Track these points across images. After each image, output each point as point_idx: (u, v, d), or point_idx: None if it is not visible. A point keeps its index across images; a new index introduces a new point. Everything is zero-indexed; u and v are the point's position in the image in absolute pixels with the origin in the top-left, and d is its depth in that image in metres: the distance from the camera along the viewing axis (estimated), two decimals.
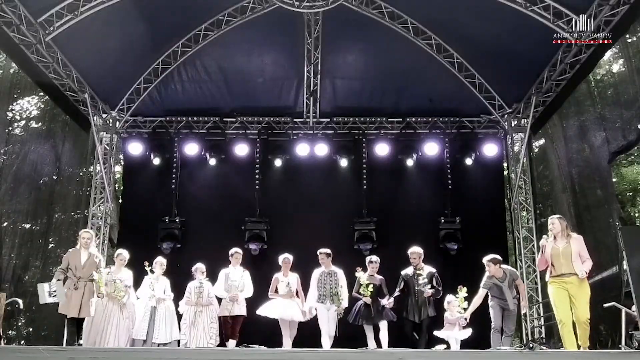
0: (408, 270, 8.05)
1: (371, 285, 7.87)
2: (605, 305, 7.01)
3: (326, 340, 7.87)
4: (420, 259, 8.04)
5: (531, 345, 6.06)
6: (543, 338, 9.89)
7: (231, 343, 8.09)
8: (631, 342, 6.89)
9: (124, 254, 8.38)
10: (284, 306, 8.06)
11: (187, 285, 8.51)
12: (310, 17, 10.00)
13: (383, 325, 7.86)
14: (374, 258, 8.24)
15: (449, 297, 8.03)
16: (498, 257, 7.45)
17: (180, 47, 10.58)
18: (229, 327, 8.21)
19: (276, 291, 8.24)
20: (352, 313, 7.98)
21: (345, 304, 7.97)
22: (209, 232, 10.84)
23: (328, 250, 8.22)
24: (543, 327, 10.34)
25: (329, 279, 8.08)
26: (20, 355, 4.50)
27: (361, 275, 7.99)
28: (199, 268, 8.55)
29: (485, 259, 7.50)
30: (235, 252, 8.54)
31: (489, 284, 7.38)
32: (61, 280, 7.10)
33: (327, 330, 7.87)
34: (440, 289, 7.98)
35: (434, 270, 8.06)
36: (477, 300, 7.40)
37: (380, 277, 8.13)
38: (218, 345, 8.23)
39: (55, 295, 7.10)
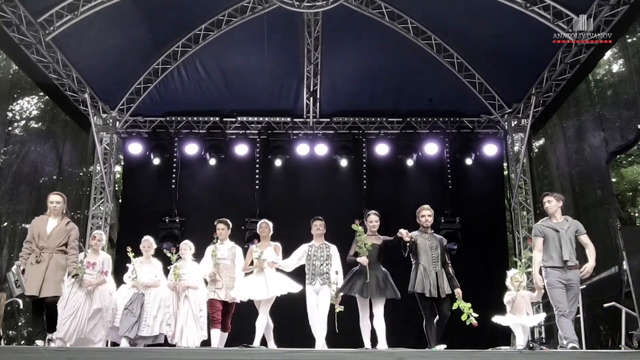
0: (416, 232, 6.54)
1: (370, 243, 6.44)
2: (605, 305, 7.01)
3: (317, 331, 6.47)
4: (432, 219, 6.60)
5: (531, 345, 6.04)
6: (543, 338, 9.89)
7: (214, 334, 6.81)
8: (631, 342, 6.89)
9: (98, 235, 7.43)
10: (250, 285, 6.78)
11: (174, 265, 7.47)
12: (310, 17, 10.00)
13: (378, 308, 6.37)
14: (373, 214, 6.77)
15: (512, 272, 6.82)
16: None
17: (180, 47, 10.59)
18: (216, 311, 6.88)
19: (252, 264, 6.92)
20: (347, 282, 6.50)
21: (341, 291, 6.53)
22: (209, 232, 10.74)
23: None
24: (543, 327, 10.33)
25: (320, 253, 6.73)
26: (20, 355, 4.50)
27: (360, 232, 6.46)
28: (184, 246, 7.62)
29: (548, 193, 6.19)
30: (217, 222, 7.32)
31: (541, 229, 5.85)
32: (20, 267, 5.92)
33: (318, 318, 6.49)
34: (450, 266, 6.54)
35: (445, 240, 6.70)
36: (537, 256, 5.91)
37: (384, 237, 6.72)
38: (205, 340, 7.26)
39: (19, 285, 5.90)
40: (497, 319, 6.96)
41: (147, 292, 7.43)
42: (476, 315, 5.96)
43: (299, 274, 6.93)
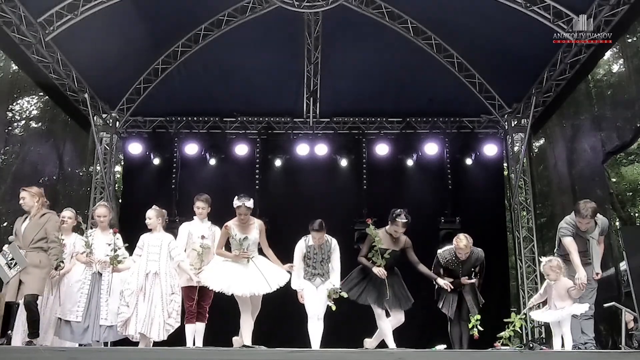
0: (448, 254, 6.50)
1: (388, 252, 6.03)
2: (605, 305, 7.01)
3: (315, 325, 6.03)
4: (468, 249, 6.32)
5: (531, 345, 6.05)
6: (543, 338, 9.89)
7: (199, 327, 6.06)
8: (631, 342, 6.91)
9: (68, 214, 6.59)
10: (240, 277, 5.82)
11: (140, 237, 6.43)
12: (310, 17, 10.01)
13: (397, 318, 6.18)
14: (403, 221, 6.06)
15: (544, 258, 5.82)
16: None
17: (180, 47, 10.59)
18: (193, 304, 6.02)
19: (227, 250, 6.03)
20: (355, 285, 6.16)
21: (337, 284, 6.11)
22: None
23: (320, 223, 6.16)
24: (543, 327, 10.34)
25: (321, 254, 6.18)
26: (20, 355, 4.50)
27: (376, 234, 6.00)
28: (155, 213, 6.45)
29: (587, 205, 5.52)
30: (196, 199, 6.54)
31: (570, 230, 5.54)
32: (13, 243, 5.58)
33: (316, 311, 6.04)
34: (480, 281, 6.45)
35: (481, 253, 6.50)
36: (574, 253, 5.50)
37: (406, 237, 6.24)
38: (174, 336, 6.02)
39: (15, 264, 5.44)
40: (535, 315, 6.02)
41: (106, 272, 6.14)
42: (481, 329, 6.03)
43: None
